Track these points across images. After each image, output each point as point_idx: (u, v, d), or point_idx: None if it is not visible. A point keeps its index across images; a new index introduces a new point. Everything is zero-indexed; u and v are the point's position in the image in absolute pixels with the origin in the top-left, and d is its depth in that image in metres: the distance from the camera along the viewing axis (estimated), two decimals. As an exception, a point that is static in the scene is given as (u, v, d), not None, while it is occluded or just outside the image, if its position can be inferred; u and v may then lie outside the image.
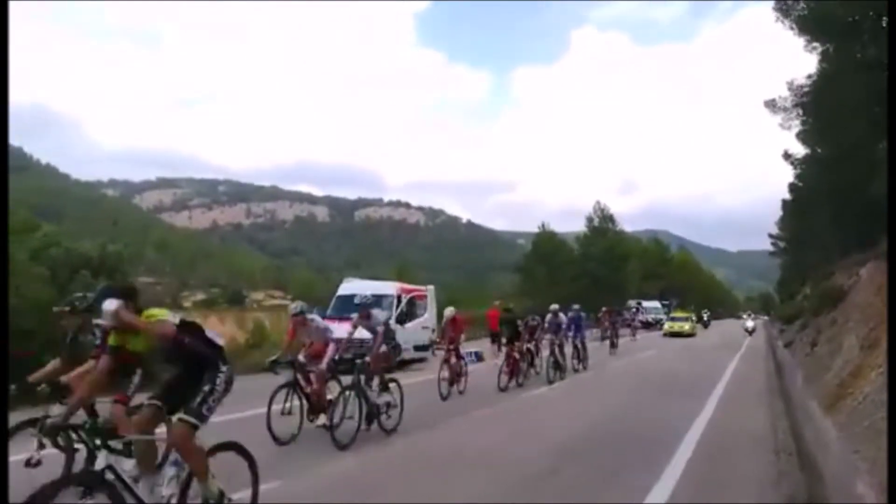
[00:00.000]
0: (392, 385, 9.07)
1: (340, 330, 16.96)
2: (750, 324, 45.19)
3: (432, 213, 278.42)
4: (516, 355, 14.39)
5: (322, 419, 8.51)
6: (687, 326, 41.11)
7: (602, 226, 63.35)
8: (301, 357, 8.94)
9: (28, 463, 4.91)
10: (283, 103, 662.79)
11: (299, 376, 8.68)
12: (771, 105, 21.27)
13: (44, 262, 12.56)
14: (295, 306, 9.37)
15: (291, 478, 6.31)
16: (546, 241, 60.13)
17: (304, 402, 8.60)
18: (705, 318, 60.39)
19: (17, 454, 5.07)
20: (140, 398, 5.18)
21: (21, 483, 4.11)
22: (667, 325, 42.20)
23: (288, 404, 8.42)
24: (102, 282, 12.85)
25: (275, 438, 7.92)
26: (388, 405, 8.80)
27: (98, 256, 13.20)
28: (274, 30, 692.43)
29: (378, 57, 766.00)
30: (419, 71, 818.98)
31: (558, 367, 15.64)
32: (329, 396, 8.64)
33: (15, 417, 5.77)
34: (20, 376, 5.97)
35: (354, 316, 9.62)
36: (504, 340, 15.58)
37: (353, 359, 16.67)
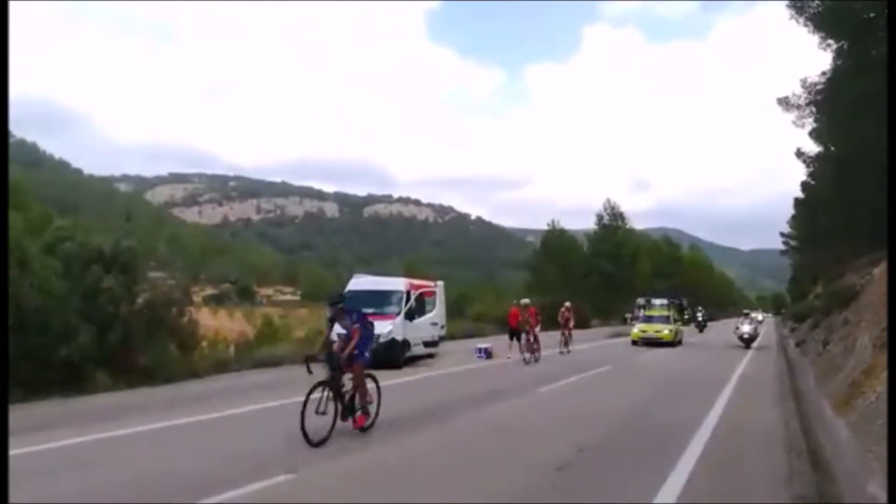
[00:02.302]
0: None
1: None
2: (747, 328, 28.80)
3: (442, 210, 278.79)
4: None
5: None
6: (666, 331, 28.83)
7: (612, 223, 63.16)
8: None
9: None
10: (294, 100, 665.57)
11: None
12: (784, 102, 21.13)
13: (57, 255, 12.64)
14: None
15: (302, 471, 6.33)
16: (556, 239, 60.07)
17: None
18: (700, 318, 49.09)
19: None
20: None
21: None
22: (636, 329, 30.04)
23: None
24: (115, 275, 12.93)
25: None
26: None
27: (111, 251, 13.26)
28: (285, 27, 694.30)
29: (388, 54, 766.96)
30: (430, 68, 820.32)
31: None
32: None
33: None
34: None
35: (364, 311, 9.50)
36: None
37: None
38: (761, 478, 6.60)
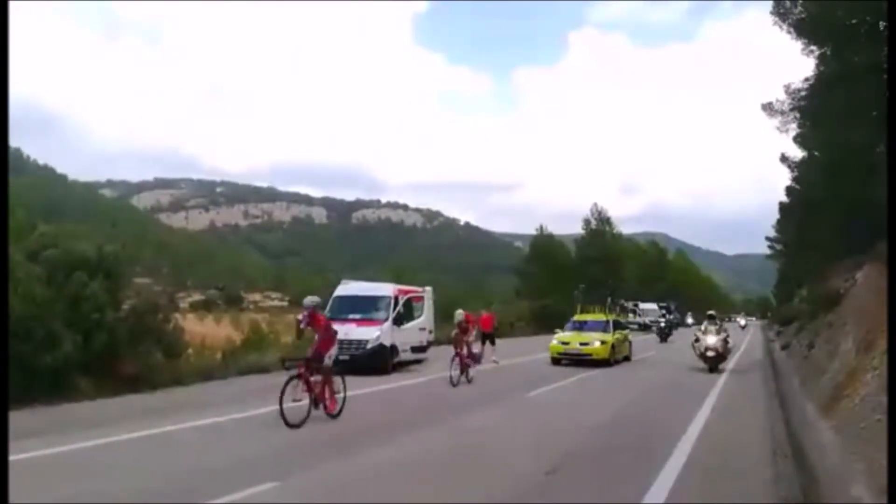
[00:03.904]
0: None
1: (337, 331, 17.15)
2: (711, 340, 18.71)
3: (430, 215, 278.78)
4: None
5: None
6: (597, 343, 19.99)
7: (599, 228, 63.54)
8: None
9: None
10: (281, 104, 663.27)
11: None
12: (768, 108, 21.28)
13: (41, 262, 12.51)
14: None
15: (288, 479, 6.30)
16: (544, 244, 60.30)
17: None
18: (662, 324, 38.35)
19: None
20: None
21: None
22: (556, 340, 21.09)
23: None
24: (100, 282, 12.82)
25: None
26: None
27: (95, 257, 13.14)
28: (272, 30, 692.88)
29: (376, 58, 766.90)
30: (418, 72, 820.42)
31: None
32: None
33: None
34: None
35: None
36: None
37: (349, 359, 16.80)
38: (747, 479, 6.64)
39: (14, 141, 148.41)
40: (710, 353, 18.52)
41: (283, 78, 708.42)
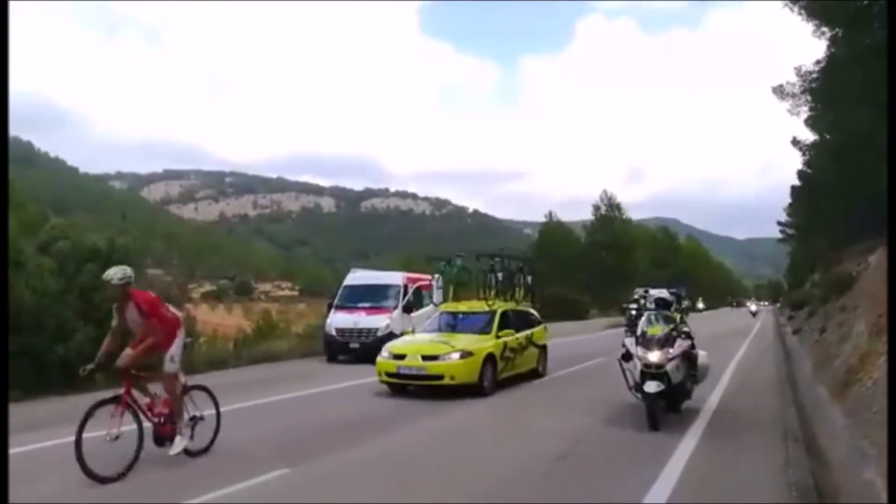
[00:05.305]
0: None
1: (347, 319, 17.23)
2: (654, 357, 7.79)
3: (438, 203, 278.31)
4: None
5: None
6: (455, 357, 10.47)
7: (609, 214, 63.30)
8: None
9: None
10: (289, 94, 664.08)
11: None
12: (779, 91, 21.11)
13: (52, 254, 12.60)
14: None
15: (302, 465, 6.33)
16: (553, 231, 60.18)
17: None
18: (633, 312, 14.16)
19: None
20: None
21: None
22: (386, 351, 11.28)
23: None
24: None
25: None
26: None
27: (106, 249, 13.21)
28: (280, 21, 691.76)
29: (383, 47, 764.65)
30: (425, 61, 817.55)
31: None
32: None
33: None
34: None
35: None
36: None
37: (359, 347, 16.68)
38: (758, 464, 6.62)
39: (25, 135, 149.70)
40: (652, 388, 7.79)
41: (291, 68, 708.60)
